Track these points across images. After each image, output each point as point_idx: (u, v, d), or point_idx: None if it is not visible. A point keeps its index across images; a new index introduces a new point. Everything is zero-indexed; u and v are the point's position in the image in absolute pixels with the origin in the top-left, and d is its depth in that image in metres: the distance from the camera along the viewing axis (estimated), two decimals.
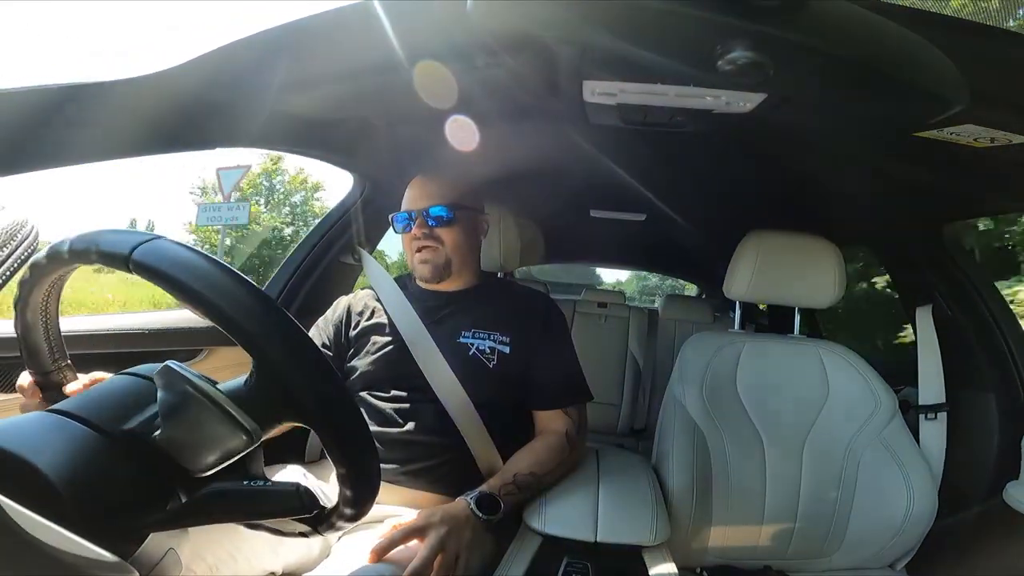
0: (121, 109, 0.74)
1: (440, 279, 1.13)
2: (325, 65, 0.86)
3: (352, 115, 1.13)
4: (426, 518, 0.82)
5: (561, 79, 0.89)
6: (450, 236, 1.12)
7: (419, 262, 1.12)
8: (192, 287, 0.45)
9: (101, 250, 0.47)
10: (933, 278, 1.44)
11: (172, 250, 0.47)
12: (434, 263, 1.11)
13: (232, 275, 0.47)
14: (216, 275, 0.47)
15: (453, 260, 1.13)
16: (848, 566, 1.23)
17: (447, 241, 1.11)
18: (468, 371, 1.05)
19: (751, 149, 1.23)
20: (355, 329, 1.16)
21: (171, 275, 0.45)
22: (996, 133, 0.83)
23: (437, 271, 1.12)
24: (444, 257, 1.12)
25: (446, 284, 1.15)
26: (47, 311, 0.58)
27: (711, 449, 1.20)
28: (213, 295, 0.46)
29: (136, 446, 0.47)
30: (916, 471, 1.19)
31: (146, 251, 0.46)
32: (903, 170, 1.17)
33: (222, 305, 0.46)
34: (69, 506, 0.41)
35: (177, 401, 0.47)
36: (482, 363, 1.06)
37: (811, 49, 0.52)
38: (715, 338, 1.35)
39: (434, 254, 1.11)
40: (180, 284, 0.45)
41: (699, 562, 1.18)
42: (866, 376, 1.29)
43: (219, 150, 0.97)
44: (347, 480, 0.51)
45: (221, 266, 0.48)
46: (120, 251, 0.46)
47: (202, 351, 1.32)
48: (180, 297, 0.46)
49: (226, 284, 0.46)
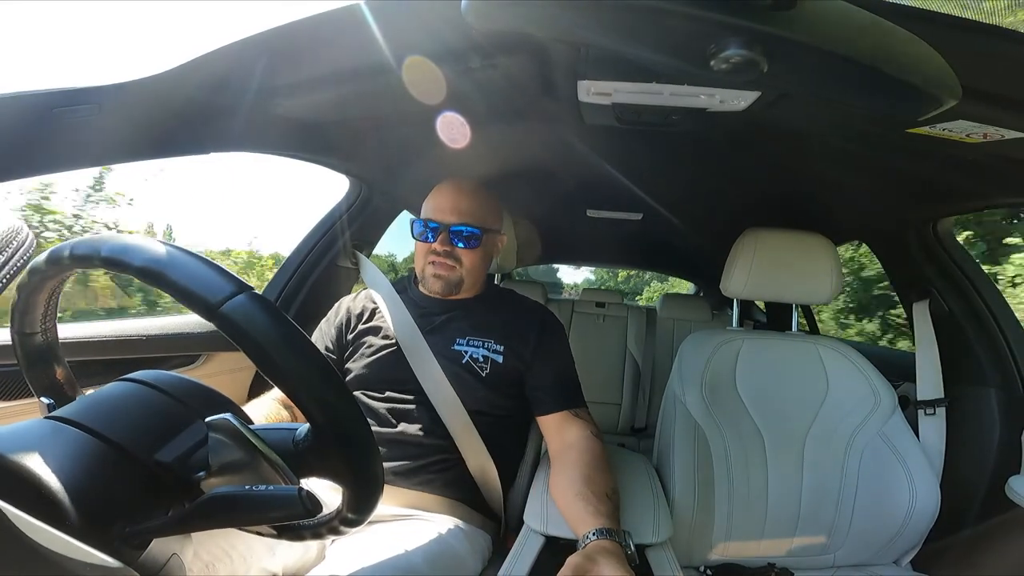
0: (113, 114, 0.74)
1: (449, 294, 1.14)
2: (321, 68, 0.86)
3: (348, 118, 1.13)
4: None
5: (556, 79, 0.90)
6: (470, 258, 1.12)
7: (432, 275, 1.12)
8: (276, 361, 0.46)
9: (191, 291, 0.45)
10: (929, 273, 1.44)
11: (263, 312, 0.46)
12: (447, 280, 1.12)
13: (312, 358, 0.48)
14: (299, 355, 0.47)
15: (466, 280, 1.13)
16: (852, 563, 1.23)
17: (466, 263, 1.12)
18: (461, 378, 1.05)
19: (746, 147, 1.23)
20: (353, 332, 1.16)
21: (256, 341, 0.46)
22: (988, 128, 0.83)
23: (449, 287, 1.12)
24: (459, 276, 1.12)
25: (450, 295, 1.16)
26: (47, 316, 0.57)
27: (712, 447, 1.20)
28: (291, 373, 0.47)
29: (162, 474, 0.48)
30: (917, 467, 1.19)
31: (237, 306, 0.45)
32: (897, 166, 1.18)
33: (299, 386, 0.47)
34: (71, 513, 0.41)
35: (235, 460, 0.48)
36: (475, 371, 1.07)
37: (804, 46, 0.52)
38: (714, 336, 1.35)
39: (450, 272, 1.11)
40: (262, 354, 0.46)
41: (703, 560, 1.18)
42: (865, 372, 1.29)
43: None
44: (351, 486, 0.52)
45: (304, 344, 0.48)
46: (208, 298, 0.45)
47: (200, 356, 1.32)
48: (254, 360, 0.46)
49: (304, 366, 0.47)
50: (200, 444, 0.50)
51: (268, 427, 0.52)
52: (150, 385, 0.53)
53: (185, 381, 0.55)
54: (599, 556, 0.74)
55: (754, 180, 1.56)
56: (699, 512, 1.14)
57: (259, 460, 0.48)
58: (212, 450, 0.48)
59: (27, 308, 0.55)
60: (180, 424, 0.51)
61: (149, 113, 0.80)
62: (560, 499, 0.93)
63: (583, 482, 0.91)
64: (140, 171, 6.16)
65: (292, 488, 0.46)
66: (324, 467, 0.51)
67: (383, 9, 0.68)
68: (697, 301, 3.00)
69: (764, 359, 1.32)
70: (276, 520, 0.48)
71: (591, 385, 1.15)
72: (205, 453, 0.49)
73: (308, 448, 0.50)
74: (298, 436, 0.51)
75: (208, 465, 0.48)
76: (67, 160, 0.74)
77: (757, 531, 1.20)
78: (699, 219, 2.10)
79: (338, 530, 0.55)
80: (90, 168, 0.79)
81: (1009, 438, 1.27)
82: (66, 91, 0.70)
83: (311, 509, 0.46)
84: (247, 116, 0.93)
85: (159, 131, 0.84)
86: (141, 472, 0.47)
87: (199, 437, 0.50)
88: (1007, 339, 1.32)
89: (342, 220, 1.54)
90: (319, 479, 0.52)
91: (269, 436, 0.50)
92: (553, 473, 1.00)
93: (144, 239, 0.48)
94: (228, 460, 0.48)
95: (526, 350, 1.10)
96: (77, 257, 0.49)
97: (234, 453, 0.48)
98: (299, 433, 0.51)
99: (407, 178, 1.17)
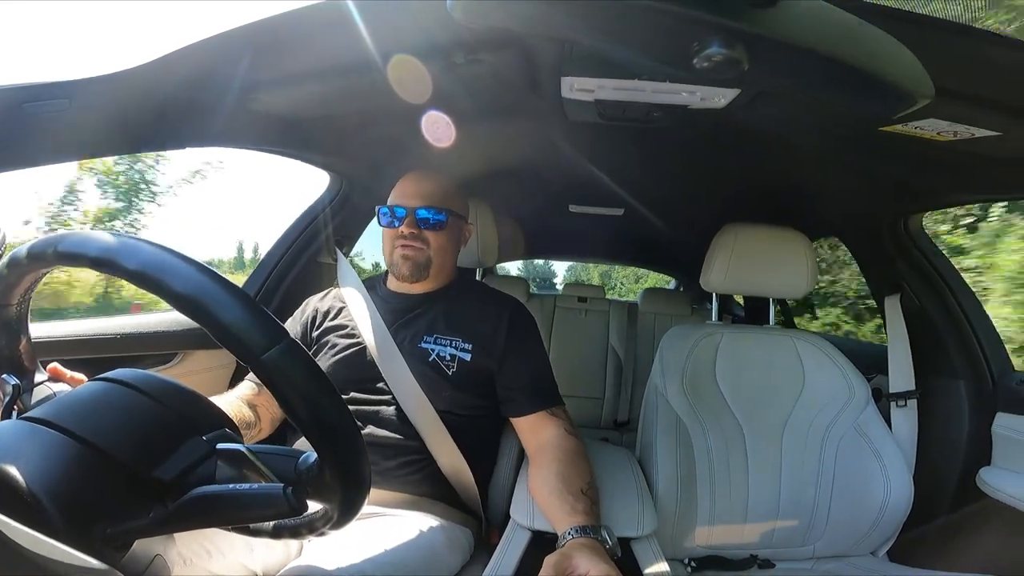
0: (85, 109, 0.72)
1: (417, 279, 1.12)
2: (303, 63, 0.85)
3: (330, 113, 1.11)
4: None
5: (540, 76, 0.90)
6: (437, 239, 1.11)
7: (400, 258, 1.11)
8: (304, 411, 0.47)
9: (240, 337, 0.45)
10: (901, 268, 1.48)
11: (302, 363, 0.47)
12: (415, 261, 1.10)
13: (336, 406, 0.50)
14: (327, 408, 0.49)
15: (434, 262, 1.12)
16: (831, 554, 1.25)
17: (433, 244, 1.11)
18: (427, 377, 1.04)
19: (725, 144, 1.24)
20: (318, 329, 1.15)
21: (287, 392, 0.46)
22: (959, 127, 0.86)
23: (417, 270, 1.11)
24: (427, 258, 1.11)
25: (417, 286, 1.15)
26: (27, 292, 0.56)
27: (693, 440, 1.22)
28: (316, 424, 0.48)
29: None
30: (891, 458, 1.22)
31: (282, 355, 0.46)
32: (870, 163, 1.20)
33: (322, 434, 0.48)
34: (51, 514, 0.40)
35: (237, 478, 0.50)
36: (441, 369, 1.05)
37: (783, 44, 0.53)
38: (694, 330, 1.37)
39: (418, 253, 1.10)
40: (291, 403, 0.47)
41: (687, 553, 1.20)
42: (839, 365, 1.32)
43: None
44: (339, 498, 0.51)
45: (331, 396, 0.49)
46: (253, 346, 0.45)
47: (176, 355, 1.29)
48: (284, 406, 0.47)
49: (330, 413, 0.49)
50: (200, 461, 0.50)
51: (272, 451, 0.52)
52: (127, 384, 0.52)
53: (170, 385, 0.54)
54: (576, 553, 0.75)
55: (733, 176, 1.58)
56: (682, 505, 1.16)
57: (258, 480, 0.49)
58: (220, 474, 0.49)
59: (12, 285, 0.54)
60: (175, 438, 0.50)
61: (123, 108, 0.78)
62: (538, 498, 0.94)
63: (557, 480, 0.92)
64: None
65: (277, 486, 0.46)
66: (319, 494, 0.52)
67: (366, 4, 0.68)
68: (677, 296, 3.03)
69: (743, 353, 1.34)
70: (262, 519, 0.48)
71: (574, 379, 1.16)
72: (205, 471, 0.49)
73: (312, 478, 0.51)
74: (302, 464, 0.51)
75: (213, 480, 0.49)
76: (38, 156, 0.72)
77: (739, 523, 1.22)
78: (679, 214, 2.13)
79: (319, 531, 0.55)
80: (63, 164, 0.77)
81: (979, 429, 1.31)
82: (35, 85, 0.68)
83: (296, 508, 0.46)
84: (226, 111, 0.92)
85: (133, 126, 0.82)
86: (121, 473, 0.46)
87: (199, 454, 0.50)
88: (976, 333, 1.36)
89: (322, 216, 1.53)
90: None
91: (273, 461, 0.51)
92: (530, 473, 1.00)
93: (184, 258, 0.47)
94: (231, 479, 0.49)
95: (496, 347, 1.08)
96: (96, 260, 0.47)
97: (238, 475, 0.49)
98: (303, 461, 0.51)
99: (388, 174, 1.16)
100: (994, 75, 0.72)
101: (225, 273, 0.66)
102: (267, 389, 0.46)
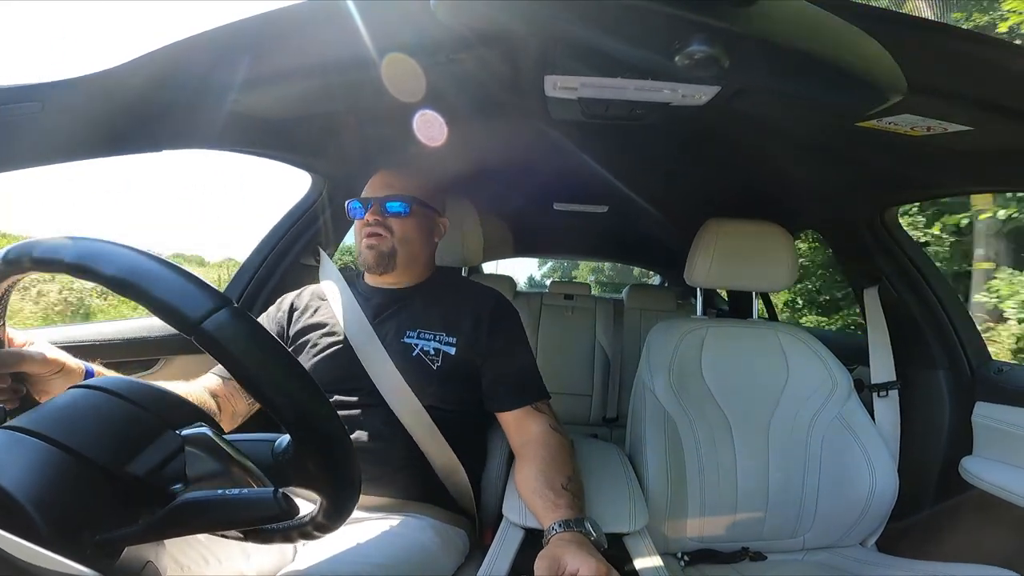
0: (58, 112, 0.70)
1: (384, 269, 1.10)
2: (283, 63, 0.83)
3: (310, 113, 1.10)
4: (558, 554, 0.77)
5: (523, 74, 0.90)
6: (401, 227, 1.10)
7: (365, 247, 1.10)
8: (256, 376, 0.45)
9: (175, 305, 0.44)
10: (879, 261, 1.51)
11: (245, 327, 0.45)
12: (379, 250, 1.09)
13: (292, 370, 0.48)
14: (280, 368, 0.47)
15: (399, 251, 1.10)
16: (821, 545, 1.27)
17: (397, 231, 1.09)
18: (412, 372, 1.02)
19: (706, 140, 1.26)
20: (295, 326, 1.12)
21: (238, 358, 0.45)
22: (932, 122, 0.88)
23: (382, 259, 1.09)
24: (390, 246, 1.09)
25: (392, 279, 1.13)
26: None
27: (682, 434, 1.23)
28: (272, 388, 0.46)
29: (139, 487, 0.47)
30: (875, 449, 1.24)
31: (226, 320, 0.44)
32: (846, 158, 1.23)
33: (280, 402, 0.46)
34: (37, 522, 0.39)
35: (214, 470, 0.48)
36: (426, 364, 1.04)
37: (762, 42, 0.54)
38: (679, 325, 1.38)
39: (380, 241, 1.09)
40: (243, 369, 0.45)
41: (679, 547, 1.21)
42: (822, 356, 1.34)
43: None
44: (329, 494, 0.51)
45: (286, 359, 0.48)
46: (188, 315, 0.44)
47: (158, 361, 1.27)
48: (234, 374, 0.45)
49: (285, 380, 0.47)
50: (173, 455, 0.49)
51: (245, 438, 0.52)
52: (108, 391, 0.51)
53: (145, 386, 0.54)
54: (561, 549, 0.76)
55: (715, 172, 1.60)
56: (673, 499, 1.17)
57: (236, 470, 0.48)
58: (189, 463, 0.48)
59: None
60: (148, 433, 0.49)
61: (97, 110, 0.76)
62: (523, 495, 0.94)
63: (538, 477, 0.92)
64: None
65: (267, 490, 0.45)
66: (303, 477, 0.50)
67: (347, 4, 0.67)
68: (663, 291, 3.06)
69: (728, 346, 1.36)
70: (252, 523, 0.48)
71: (562, 377, 1.16)
72: (179, 464, 0.48)
73: (288, 460, 0.50)
74: (278, 448, 0.50)
75: (184, 477, 0.48)
76: (8, 160, 0.70)
77: (730, 516, 1.23)
78: (663, 211, 2.14)
79: (311, 534, 0.54)
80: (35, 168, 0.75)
81: (960, 419, 1.33)
82: (5, 89, 0.66)
83: (288, 510, 0.45)
84: (203, 112, 0.90)
85: (108, 129, 0.80)
86: (107, 480, 0.45)
87: (172, 448, 0.49)
88: (953, 323, 1.39)
89: (305, 217, 1.51)
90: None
91: (246, 447, 0.50)
92: (515, 469, 1.00)
93: (116, 244, 0.46)
94: (205, 472, 0.48)
95: (479, 340, 1.07)
96: (39, 261, 0.46)
97: (211, 465, 0.47)
98: (279, 444, 0.50)
99: (370, 175, 1.15)
100: (966, 71, 0.74)
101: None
102: (221, 366, 0.45)
